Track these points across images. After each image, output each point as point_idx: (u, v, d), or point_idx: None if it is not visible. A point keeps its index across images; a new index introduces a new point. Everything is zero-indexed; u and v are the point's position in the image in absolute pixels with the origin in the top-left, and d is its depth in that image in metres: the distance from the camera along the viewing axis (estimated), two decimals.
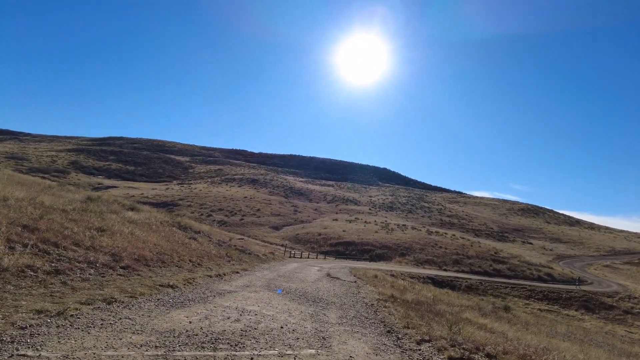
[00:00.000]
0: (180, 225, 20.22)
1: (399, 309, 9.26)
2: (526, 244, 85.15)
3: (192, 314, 6.08)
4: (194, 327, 5.36)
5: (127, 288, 6.56)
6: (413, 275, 40.10)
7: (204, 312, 6.36)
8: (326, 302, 9.44)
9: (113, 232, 10.98)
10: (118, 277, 7.16)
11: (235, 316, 6.33)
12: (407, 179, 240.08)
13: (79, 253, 7.57)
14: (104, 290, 6.15)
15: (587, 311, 40.91)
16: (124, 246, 9.68)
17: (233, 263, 15.35)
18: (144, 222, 16.28)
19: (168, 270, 9.52)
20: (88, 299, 5.60)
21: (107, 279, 6.80)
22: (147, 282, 7.39)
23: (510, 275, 52.01)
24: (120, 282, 6.89)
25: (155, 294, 6.87)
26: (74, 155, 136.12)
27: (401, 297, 12.57)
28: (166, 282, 7.90)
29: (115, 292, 6.20)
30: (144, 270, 8.48)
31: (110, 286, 6.39)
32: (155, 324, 5.25)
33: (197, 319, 5.82)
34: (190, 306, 6.59)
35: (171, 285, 7.81)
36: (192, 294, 7.64)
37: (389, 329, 7.29)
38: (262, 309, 7.19)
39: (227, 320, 6.05)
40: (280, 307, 7.73)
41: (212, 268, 12.28)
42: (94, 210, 14.13)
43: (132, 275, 7.62)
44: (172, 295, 7.18)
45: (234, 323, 5.90)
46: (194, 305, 6.74)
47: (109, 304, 5.73)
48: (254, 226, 65.89)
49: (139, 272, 8.08)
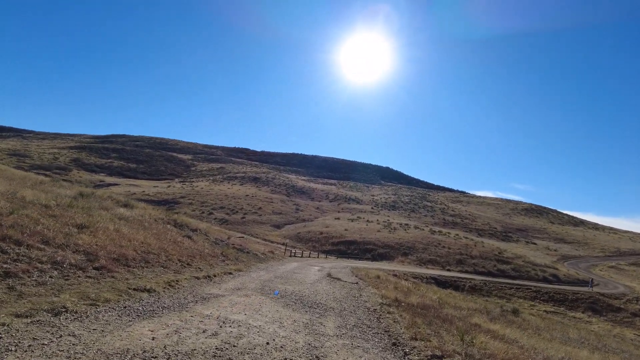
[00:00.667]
0: (176, 223, 19.44)
1: (404, 315, 8.37)
2: (530, 244, 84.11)
3: (160, 326, 5.11)
4: (156, 346, 4.39)
5: (91, 293, 5.60)
6: (416, 275, 39.41)
7: (176, 323, 5.42)
8: (324, 308, 8.59)
9: (96, 229, 10.15)
10: (86, 280, 6.24)
11: (213, 329, 5.38)
12: (410, 178, 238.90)
13: (46, 252, 6.71)
14: (59, 296, 5.20)
15: (594, 313, 39.94)
16: (104, 244, 8.83)
17: (227, 263, 14.48)
18: (136, 219, 15.50)
19: (151, 271, 8.64)
20: (30, 309, 4.61)
21: (71, 283, 5.90)
22: (120, 286, 6.47)
23: (515, 275, 51.19)
24: (86, 285, 5.97)
25: (124, 301, 5.91)
26: (76, 153, 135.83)
27: (405, 300, 11.70)
28: (143, 285, 6.97)
29: (71, 299, 5.25)
30: (122, 271, 7.59)
31: (69, 291, 5.45)
32: (104, 343, 4.25)
33: (163, 334, 4.84)
34: (162, 316, 5.62)
35: (147, 290, 6.87)
36: (171, 299, 6.73)
37: (395, 340, 6.40)
38: (249, 319, 6.26)
39: (201, 334, 5.08)
40: (270, 316, 6.82)
41: (203, 268, 11.39)
42: (82, 206, 13.33)
43: (104, 278, 6.72)
44: (145, 301, 6.23)
45: (209, 338, 4.94)
46: (168, 314, 5.79)
47: (56, 315, 4.72)
48: (255, 224, 65.14)
49: (114, 273, 7.19)
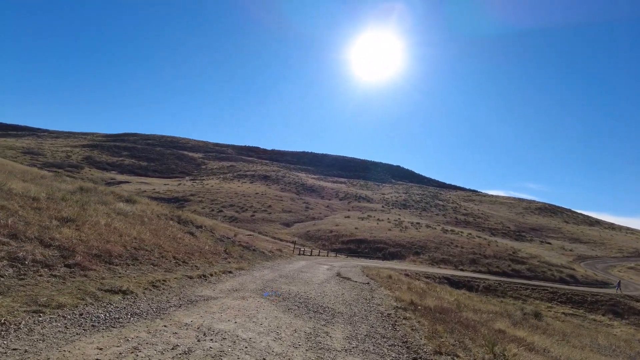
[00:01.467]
0: (180, 219, 18.60)
1: (422, 322, 7.24)
2: (544, 243, 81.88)
3: (115, 341, 3.91)
4: None
5: (42, 297, 4.52)
6: (428, 275, 38.22)
7: (140, 337, 4.22)
8: (332, 313, 7.52)
9: (83, 222, 9.23)
10: (47, 280, 5.23)
11: (187, 343, 4.19)
12: (421, 177, 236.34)
13: (9, 247, 5.79)
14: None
15: (615, 316, 38.11)
16: (86, 239, 7.89)
17: (230, 261, 13.49)
18: (136, 214, 14.65)
19: (137, 269, 7.66)
20: None
21: (25, 283, 4.89)
22: (89, 287, 5.42)
23: (530, 276, 49.58)
24: (43, 287, 4.95)
25: (84, 306, 4.80)
26: (88, 151, 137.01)
27: (421, 303, 10.60)
28: (119, 285, 5.95)
29: (11, 304, 4.18)
30: (100, 269, 6.61)
31: (15, 295, 4.38)
32: None
33: (114, 354, 3.63)
34: (126, 326, 4.44)
35: (123, 291, 5.83)
36: (149, 303, 5.64)
37: (415, 355, 5.26)
38: (238, 328, 5.13)
39: (168, 353, 3.86)
40: (266, 324, 5.68)
41: (200, 267, 10.39)
42: (76, 200, 12.51)
43: (73, 277, 5.73)
44: (113, 306, 5.12)
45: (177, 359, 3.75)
46: (135, 323, 4.61)
47: None
48: (264, 222, 64.40)
49: (89, 271, 6.21)
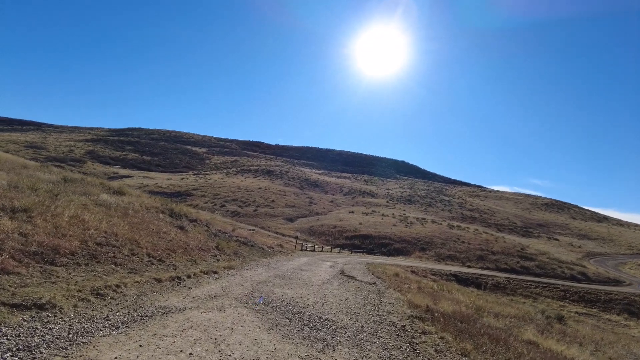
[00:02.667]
0: (172, 212, 17.44)
1: (446, 338, 6.03)
2: (552, 240, 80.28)
3: None
4: None
5: None
6: (435, 272, 37.09)
7: None
8: (332, 329, 6.22)
9: (39, 213, 7.96)
10: None
11: None
12: (426, 172, 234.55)
13: None
14: None
15: (630, 316, 36.73)
16: (32, 233, 6.71)
17: (219, 258, 12.30)
18: (120, 206, 13.54)
19: (88, 270, 6.37)
20: None
21: None
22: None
23: (540, 273, 48.30)
24: None
25: None
26: (91, 145, 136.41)
27: (437, 307, 9.44)
28: (38, 297, 4.49)
29: None
30: (28, 271, 5.26)
31: None
32: None
33: None
34: None
35: (39, 305, 4.38)
36: (69, 323, 4.20)
37: None
38: None
39: None
40: (239, 353, 4.26)
41: (178, 266, 9.13)
42: (49, 190, 11.35)
43: None
44: (2, 332, 3.67)
45: None
46: None
47: None
48: (267, 217, 63.36)
49: (7, 275, 4.96)
